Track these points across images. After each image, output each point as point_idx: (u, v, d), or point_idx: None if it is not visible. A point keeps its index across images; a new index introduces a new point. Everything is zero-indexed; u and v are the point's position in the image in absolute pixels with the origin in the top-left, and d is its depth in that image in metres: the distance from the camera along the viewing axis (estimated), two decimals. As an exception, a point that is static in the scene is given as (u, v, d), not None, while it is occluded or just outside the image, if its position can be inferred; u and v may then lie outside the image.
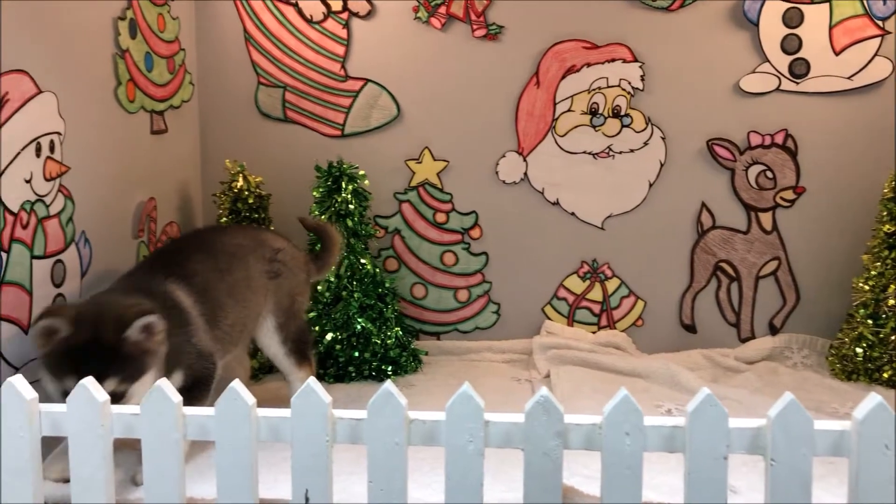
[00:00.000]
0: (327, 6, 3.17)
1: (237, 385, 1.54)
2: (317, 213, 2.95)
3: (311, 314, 2.91)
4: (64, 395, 1.74)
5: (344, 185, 2.94)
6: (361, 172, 3.01)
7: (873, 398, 1.42)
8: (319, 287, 2.91)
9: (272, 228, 2.92)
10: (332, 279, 2.90)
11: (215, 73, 3.23)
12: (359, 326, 2.89)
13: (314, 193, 2.96)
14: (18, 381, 1.58)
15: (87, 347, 1.87)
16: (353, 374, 2.91)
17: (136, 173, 2.72)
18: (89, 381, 1.56)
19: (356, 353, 2.90)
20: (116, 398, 1.86)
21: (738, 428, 1.47)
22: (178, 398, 1.55)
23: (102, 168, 2.49)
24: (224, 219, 2.95)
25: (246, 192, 2.94)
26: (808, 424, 1.44)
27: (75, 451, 1.56)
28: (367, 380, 2.92)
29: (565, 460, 1.51)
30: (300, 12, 3.18)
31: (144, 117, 2.78)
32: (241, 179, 2.95)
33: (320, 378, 2.87)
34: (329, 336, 2.88)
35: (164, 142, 2.93)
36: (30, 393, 1.57)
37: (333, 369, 2.91)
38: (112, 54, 2.55)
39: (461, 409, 1.49)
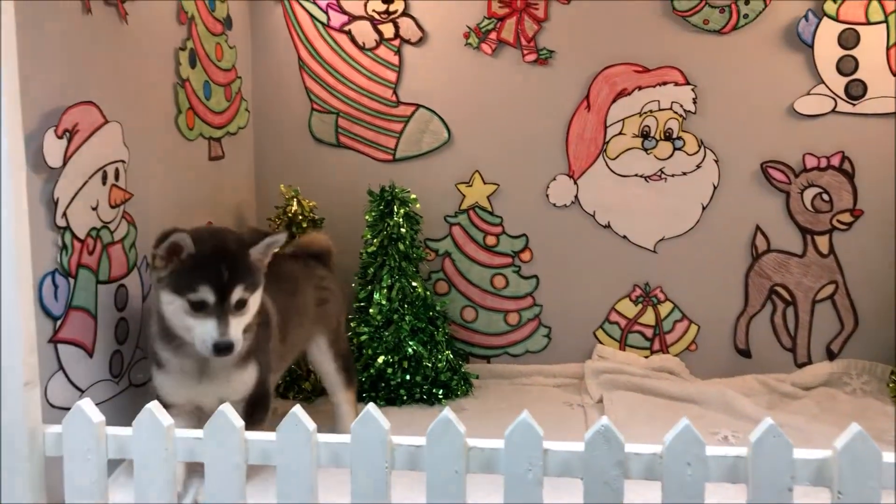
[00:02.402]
0: (380, 33, 3.22)
1: (298, 411, 1.56)
2: (369, 236, 2.98)
3: (363, 337, 2.94)
4: (193, 307, 1.97)
5: (396, 209, 2.97)
6: (413, 196, 3.05)
7: (945, 431, 1.39)
8: (371, 310, 2.94)
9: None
10: (384, 302, 2.93)
11: (270, 100, 3.30)
12: (410, 350, 2.91)
13: (367, 217, 2.99)
14: (86, 405, 1.62)
15: (218, 259, 2.00)
16: (405, 398, 2.92)
17: (195, 198, 2.78)
18: (154, 406, 1.60)
19: (407, 377, 2.91)
20: (240, 306, 2.02)
21: (803, 459, 1.44)
22: (240, 423, 1.58)
23: (163, 194, 2.55)
24: (278, 243, 2.99)
25: (300, 217, 2.99)
26: (876, 456, 1.41)
27: (140, 473, 1.60)
28: (418, 403, 2.93)
29: (624, 489, 1.50)
30: (353, 40, 3.24)
31: (203, 144, 2.85)
32: (295, 204, 3.00)
33: (371, 401, 2.89)
34: (381, 359, 2.90)
35: (221, 167, 3.00)
36: (97, 416, 1.61)
37: (384, 392, 2.92)
38: (173, 84, 2.62)
39: (520, 437, 1.49)
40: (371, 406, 1.54)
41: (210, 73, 2.87)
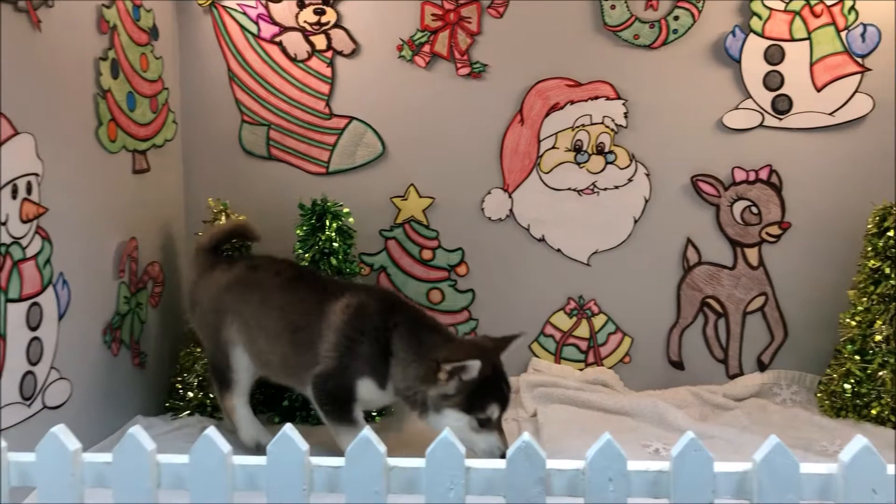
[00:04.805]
0: (312, 45, 3.18)
1: (212, 432, 1.50)
2: (300, 251, 2.92)
3: (295, 354, 2.87)
4: (479, 423, 2.27)
5: (328, 223, 2.91)
6: (346, 210, 2.99)
7: (859, 441, 1.39)
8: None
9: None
10: (317, 318, 2.86)
11: (199, 112, 3.22)
12: (343, 366, 2.84)
13: (297, 232, 2.93)
14: (-13, 430, 1.53)
15: (499, 378, 2.34)
16: (338, 415, 2.85)
17: (117, 213, 2.70)
18: (60, 430, 1.52)
19: (340, 394, 2.85)
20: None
21: (724, 472, 1.44)
22: (151, 446, 1.51)
23: (82, 209, 2.46)
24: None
25: (229, 231, 2.92)
26: (794, 468, 1.41)
27: (45, 502, 1.52)
28: (351, 421, 2.86)
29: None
30: (284, 51, 3.19)
31: (126, 157, 2.76)
32: (223, 218, 2.93)
33: (305, 420, 2.83)
34: (313, 376, 2.83)
35: (147, 181, 2.91)
36: (-3, 442, 1.53)
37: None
38: (93, 94, 2.54)
39: (442, 455, 1.45)
40: (288, 427, 1.49)
41: (134, 84, 2.79)
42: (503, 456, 2.16)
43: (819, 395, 3.00)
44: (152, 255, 2.96)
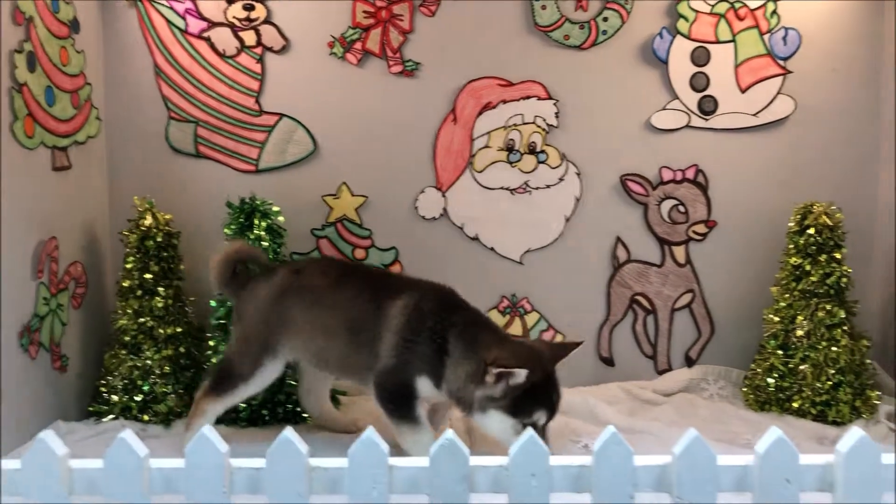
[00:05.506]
0: (241, 41, 3.13)
1: (128, 435, 1.45)
2: (229, 251, 2.86)
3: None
4: (524, 427, 2.18)
5: (257, 222, 2.86)
6: (276, 208, 2.95)
7: (773, 432, 1.43)
8: (231, 327, 2.82)
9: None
10: (246, 319, 2.81)
11: (124, 108, 3.14)
12: (273, 367, 2.80)
13: (226, 231, 2.88)
14: None
15: (549, 385, 2.32)
16: (267, 418, 2.82)
17: (35, 212, 2.60)
18: (-35, 436, 1.46)
19: (269, 395, 2.81)
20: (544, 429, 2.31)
21: (644, 466, 1.46)
22: (62, 451, 1.46)
23: (-4, 206, 2.38)
24: (131, 258, 2.85)
25: (154, 230, 2.85)
26: (711, 460, 1.44)
27: (-51, 511, 1.45)
28: (282, 423, 2.82)
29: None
30: (213, 47, 3.13)
31: (45, 153, 2.67)
32: (149, 217, 2.86)
33: (232, 422, 2.78)
34: (242, 378, 2.79)
35: (68, 179, 2.82)
36: None
37: (246, 412, 2.81)
38: (8, 88, 2.44)
39: (364, 454, 1.44)
40: (206, 428, 1.45)
41: (53, 79, 2.70)
42: None
43: (744, 389, 3.07)
44: (74, 255, 2.87)
